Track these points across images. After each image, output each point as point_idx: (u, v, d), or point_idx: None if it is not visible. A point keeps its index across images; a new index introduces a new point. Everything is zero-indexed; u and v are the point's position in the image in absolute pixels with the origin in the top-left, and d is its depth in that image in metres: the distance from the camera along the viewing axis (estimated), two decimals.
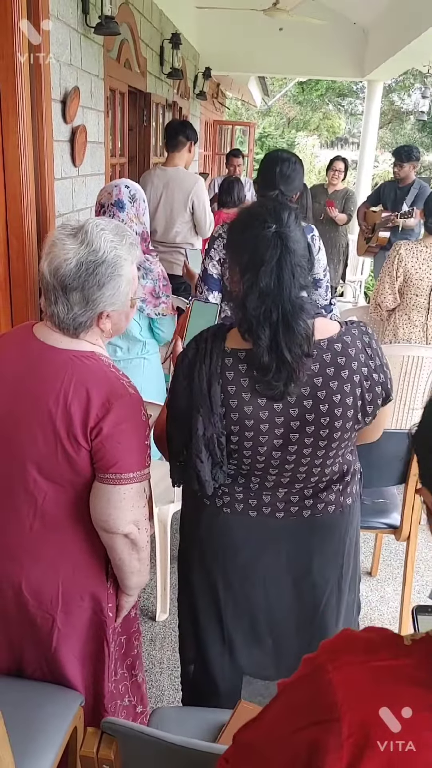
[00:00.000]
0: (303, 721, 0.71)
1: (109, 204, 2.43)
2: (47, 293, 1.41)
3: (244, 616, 1.60)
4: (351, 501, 1.58)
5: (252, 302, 1.33)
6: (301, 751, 0.70)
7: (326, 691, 0.70)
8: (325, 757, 0.67)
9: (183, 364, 1.45)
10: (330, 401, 1.39)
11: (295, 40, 7.24)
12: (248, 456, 1.44)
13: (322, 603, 1.60)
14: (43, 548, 1.46)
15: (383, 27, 6.88)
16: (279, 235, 1.34)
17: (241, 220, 1.44)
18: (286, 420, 1.40)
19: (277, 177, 2.48)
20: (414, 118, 17.53)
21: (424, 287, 3.36)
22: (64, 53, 3.04)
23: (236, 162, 6.93)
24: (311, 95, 19.29)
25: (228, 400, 1.39)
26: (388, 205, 5.81)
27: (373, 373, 1.43)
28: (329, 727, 0.68)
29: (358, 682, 0.69)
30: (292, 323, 1.33)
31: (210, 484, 1.46)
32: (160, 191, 4.12)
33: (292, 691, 0.76)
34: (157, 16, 5.14)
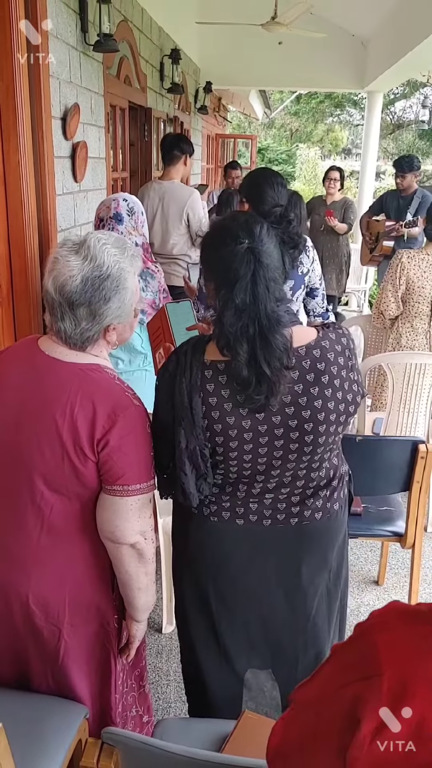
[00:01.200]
0: (349, 678, 0.77)
1: (108, 217, 2.46)
2: (53, 310, 1.42)
3: (238, 624, 1.60)
4: (338, 506, 1.58)
5: (228, 318, 1.34)
6: (345, 704, 0.75)
7: (371, 650, 0.75)
8: (365, 708, 0.72)
9: (164, 377, 1.46)
10: (312, 407, 1.40)
11: (294, 54, 7.30)
12: (234, 465, 1.45)
13: (313, 608, 1.60)
14: (50, 560, 1.47)
15: (381, 38, 6.93)
16: (252, 250, 1.35)
17: (213, 235, 1.45)
18: (270, 428, 1.40)
19: (275, 193, 2.51)
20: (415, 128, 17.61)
21: (426, 295, 3.37)
22: (64, 71, 3.08)
23: (234, 174, 6.97)
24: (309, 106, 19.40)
25: (210, 412, 1.40)
26: (391, 214, 5.83)
27: (350, 372, 1.44)
28: (371, 682, 0.73)
29: (401, 643, 0.75)
30: (269, 337, 1.34)
31: (195, 497, 1.47)
32: (156, 204, 4.16)
33: (342, 652, 0.83)
34: (157, 32, 5.21)
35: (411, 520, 2.45)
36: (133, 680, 1.70)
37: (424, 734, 0.69)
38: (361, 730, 0.72)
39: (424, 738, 0.69)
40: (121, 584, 1.50)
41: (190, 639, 1.66)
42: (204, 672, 1.65)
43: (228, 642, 1.61)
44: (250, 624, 1.60)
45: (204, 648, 1.63)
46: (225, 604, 1.59)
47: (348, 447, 1.76)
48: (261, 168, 2.77)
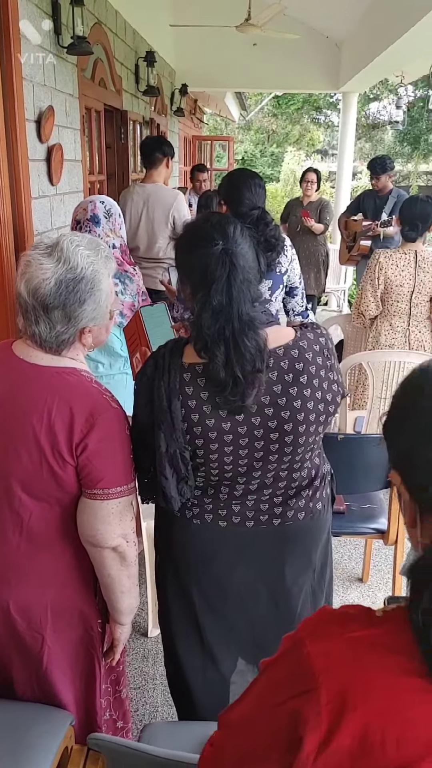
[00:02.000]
0: (284, 695, 0.74)
1: (85, 220, 2.45)
2: (26, 313, 1.40)
3: (223, 625, 1.60)
4: (321, 506, 1.58)
5: (206, 320, 1.34)
6: (283, 723, 0.73)
7: (304, 663, 0.73)
8: (305, 726, 0.70)
9: (142, 381, 1.46)
10: (291, 407, 1.40)
11: (269, 55, 7.32)
12: (215, 468, 1.44)
13: (298, 608, 1.60)
14: (30, 567, 1.45)
15: (355, 40, 6.98)
16: (226, 252, 1.34)
17: (186, 238, 1.44)
18: (250, 430, 1.40)
19: (252, 195, 2.51)
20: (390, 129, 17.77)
21: (404, 293, 3.40)
22: (37, 74, 3.06)
23: (202, 177, 6.93)
24: (288, 108, 19.48)
25: (189, 414, 1.39)
26: (368, 214, 5.87)
27: (329, 372, 1.44)
28: (308, 697, 0.71)
29: (334, 652, 0.73)
30: (239, 340, 1.33)
31: (176, 501, 1.46)
32: (140, 208, 4.14)
33: (274, 668, 0.80)
34: (131, 35, 5.20)
35: (393, 517, 2.46)
36: (109, 684, 1.68)
37: (368, 744, 0.67)
38: (304, 749, 0.69)
39: (369, 748, 0.67)
40: (104, 588, 1.49)
41: (174, 642, 1.66)
42: (189, 674, 1.65)
43: (213, 643, 1.60)
44: (235, 625, 1.60)
45: (188, 650, 1.63)
46: (209, 606, 1.58)
47: (330, 445, 1.76)
48: (239, 169, 2.77)
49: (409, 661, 0.69)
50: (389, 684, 0.69)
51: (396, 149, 19.04)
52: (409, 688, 0.68)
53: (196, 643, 1.61)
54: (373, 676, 0.69)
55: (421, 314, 3.45)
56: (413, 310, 3.43)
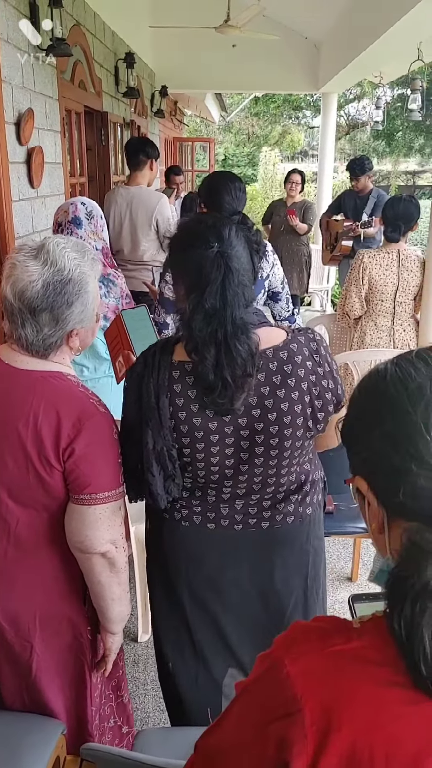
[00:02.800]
0: (266, 719, 0.71)
1: (66, 222, 2.42)
2: (12, 317, 1.38)
3: (213, 630, 1.58)
4: (311, 511, 1.57)
5: (197, 323, 1.32)
6: (269, 748, 0.70)
7: (285, 685, 0.70)
8: (291, 750, 0.67)
9: (132, 377, 1.45)
10: (278, 410, 1.38)
11: (248, 56, 7.32)
12: (202, 468, 1.43)
13: (287, 614, 1.59)
14: (18, 574, 1.43)
15: (334, 41, 7.01)
16: (222, 254, 1.33)
17: (181, 238, 1.43)
18: (236, 430, 1.39)
19: (231, 198, 2.51)
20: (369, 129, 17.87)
21: (389, 292, 3.41)
22: (16, 76, 3.03)
23: (178, 180, 6.88)
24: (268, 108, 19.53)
25: (177, 412, 1.39)
26: (349, 214, 5.90)
27: (321, 380, 1.42)
28: (292, 720, 0.68)
29: (315, 670, 0.70)
30: (231, 344, 1.32)
31: (163, 498, 1.45)
32: (124, 210, 4.11)
33: (252, 691, 0.76)
34: (110, 36, 5.18)
35: None
36: (110, 690, 1.67)
37: (356, 762, 0.65)
38: None
39: (357, 765, 0.65)
40: (94, 595, 1.47)
41: (165, 646, 1.64)
42: (181, 679, 1.63)
43: (204, 647, 1.59)
44: (225, 629, 1.59)
45: (179, 654, 1.62)
46: (199, 610, 1.57)
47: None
48: (219, 172, 2.76)
49: (393, 674, 0.67)
50: (375, 698, 0.67)
51: (375, 148, 19.15)
52: (396, 700, 0.66)
53: (187, 647, 1.60)
54: (358, 691, 0.67)
55: (405, 313, 3.47)
56: (397, 309, 3.44)
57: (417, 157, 19.89)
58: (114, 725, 1.69)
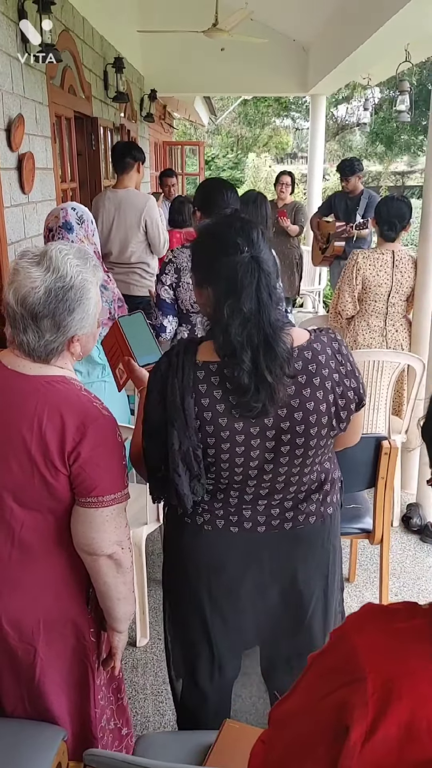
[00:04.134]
0: (331, 686, 0.76)
1: (57, 227, 2.43)
2: (14, 322, 1.39)
3: (232, 632, 1.59)
4: (332, 510, 1.58)
5: (235, 327, 1.34)
6: (330, 713, 0.74)
7: (351, 655, 0.75)
8: (352, 714, 0.71)
9: (155, 378, 1.45)
10: (303, 409, 1.39)
11: (237, 59, 7.34)
12: (226, 468, 1.44)
13: (308, 613, 1.60)
14: (21, 577, 1.44)
15: (322, 43, 7.04)
16: (255, 259, 1.35)
17: (209, 243, 1.43)
18: (262, 430, 1.40)
19: (226, 203, 2.52)
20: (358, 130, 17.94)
21: (382, 293, 3.42)
22: (6, 82, 3.03)
23: (170, 182, 6.92)
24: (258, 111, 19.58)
25: (202, 413, 1.39)
26: (340, 215, 5.92)
27: (344, 378, 1.43)
28: (356, 687, 0.72)
29: (379, 644, 0.75)
30: (274, 345, 1.34)
31: (189, 498, 1.44)
32: (112, 213, 4.13)
33: (321, 661, 0.81)
34: (99, 41, 5.18)
35: (378, 516, 2.47)
36: (111, 693, 1.68)
37: (415, 731, 0.69)
38: (351, 738, 0.71)
39: (416, 734, 0.69)
40: (100, 596, 1.48)
41: (183, 648, 1.65)
42: (194, 679, 1.64)
43: (221, 651, 1.59)
44: (244, 630, 1.59)
45: (197, 657, 1.62)
46: (220, 613, 1.57)
47: None
48: (211, 179, 2.78)
49: None
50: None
51: (367, 150, 19.22)
52: None
53: (206, 650, 1.60)
54: (417, 665, 0.71)
55: (398, 313, 3.48)
56: (390, 309, 3.46)
57: (406, 157, 19.97)
58: (114, 728, 1.70)
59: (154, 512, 2.50)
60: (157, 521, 2.50)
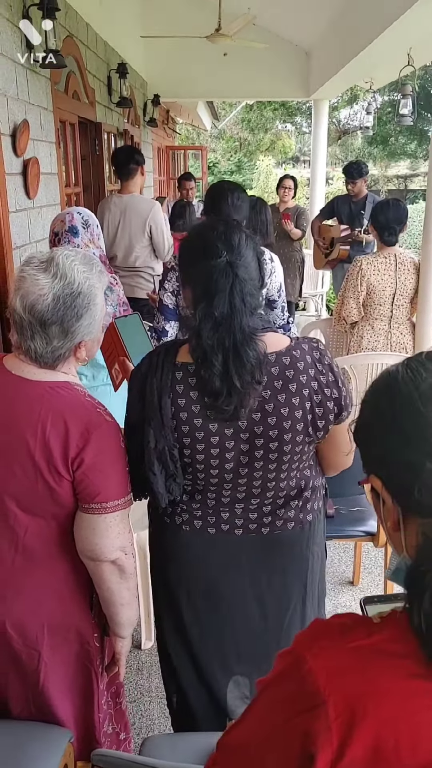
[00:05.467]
0: (289, 713, 0.72)
1: (63, 231, 2.44)
2: (22, 329, 1.39)
3: (211, 636, 1.59)
4: (312, 518, 1.57)
5: (206, 331, 1.35)
6: (294, 742, 0.71)
7: (308, 680, 0.71)
8: (316, 742, 0.68)
9: (136, 377, 1.47)
10: (278, 414, 1.39)
11: (240, 64, 7.37)
12: (201, 470, 1.45)
13: (285, 620, 1.60)
14: (26, 583, 1.44)
15: (324, 48, 7.06)
16: (230, 264, 1.36)
17: (192, 245, 1.45)
18: (236, 432, 1.41)
19: (230, 207, 2.53)
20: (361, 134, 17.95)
21: (386, 297, 3.43)
22: (11, 88, 3.05)
23: (189, 185, 7.00)
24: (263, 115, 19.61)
25: (178, 412, 1.40)
26: (343, 219, 5.92)
27: (324, 388, 1.42)
28: (317, 713, 0.69)
29: (337, 664, 0.71)
30: (241, 352, 1.34)
31: (164, 497, 1.46)
32: (117, 218, 4.16)
33: (274, 687, 0.77)
34: (102, 47, 5.21)
35: None
36: (110, 697, 1.68)
37: (382, 751, 0.66)
38: (317, 766, 0.68)
39: (383, 755, 0.66)
40: (104, 601, 1.48)
41: (166, 651, 1.65)
42: (180, 684, 1.64)
43: (201, 654, 1.60)
44: (222, 635, 1.59)
45: (179, 660, 1.62)
46: (196, 613, 1.58)
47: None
48: (217, 183, 2.79)
49: (415, 665, 0.68)
50: (397, 689, 0.68)
51: (367, 153, 19.23)
52: (418, 691, 0.68)
53: (185, 653, 1.61)
54: (380, 683, 0.69)
55: (402, 316, 3.48)
56: (395, 312, 3.46)
57: (408, 161, 19.98)
58: (112, 732, 1.70)
59: None
60: None
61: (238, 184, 2.76)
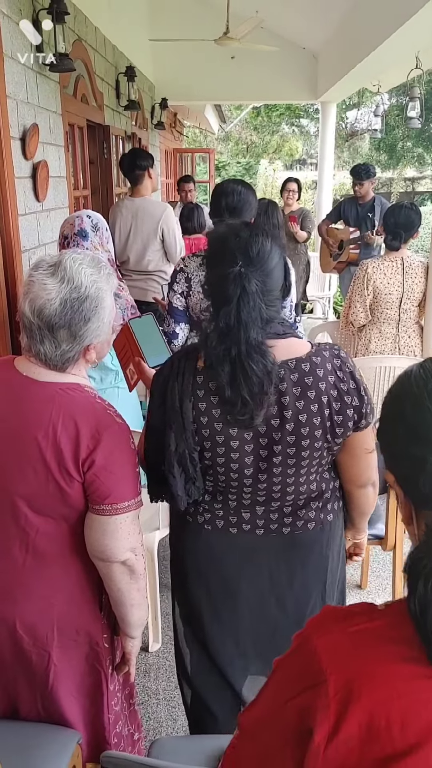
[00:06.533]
0: (295, 690, 0.78)
1: (72, 234, 2.45)
2: (31, 333, 1.40)
3: (229, 635, 1.59)
4: (332, 517, 1.57)
5: (212, 340, 1.34)
6: (295, 716, 0.76)
7: (312, 659, 0.77)
8: (314, 718, 0.73)
9: (158, 381, 1.47)
10: (296, 420, 1.39)
11: (247, 67, 7.38)
12: (222, 473, 1.45)
13: (305, 619, 1.59)
14: (36, 584, 1.45)
15: (331, 51, 7.06)
16: (241, 275, 1.32)
17: (212, 250, 1.44)
18: (255, 437, 1.41)
19: (223, 210, 2.52)
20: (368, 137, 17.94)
21: (393, 300, 3.42)
22: (21, 91, 3.07)
23: (187, 188, 6.95)
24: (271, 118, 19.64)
25: (199, 417, 1.41)
26: (351, 221, 5.92)
27: (345, 395, 1.40)
28: (317, 690, 0.74)
29: (339, 645, 0.77)
30: (246, 364, 1.32)
31: (183, 500, 1.47)
32: (129, 222, 4.15)
33: (284, 666, 0.83)
34: (111, 50, 5.23)
35: (391, 522, 2.47)
36: (124, 699, 1.68)
37: (374, 729, 0.71)
38: (314, 740, 0.73)
39: (375, 733, 0.71)
40: (114, 602, 1.49)
41: (182, 652, 1.66)
42: (195, 683, 1.65)
43: (220, 651, 1.60)
44: (240, 634, 1.59)
45: (195, 658, 1.63)
46: (216, 613, 1.58)
47: None
48: (219, 183, 2.76)
49: (409, 650, 0.73)
50: (391, 672, 0.73)
51: (373, 156, 19.22)
52: (410, 675, 0.72)
53: (203, 652, 1.61)
54: (376, 665, 0.73)
55: (410, 320, 3.48)
56: (402, 316, 3.46)
57: (416, 164, 19.95)
58: (128, 733, 1.70)
59: (167, 517, 2.51)
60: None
61: (244, 182, 2.69)
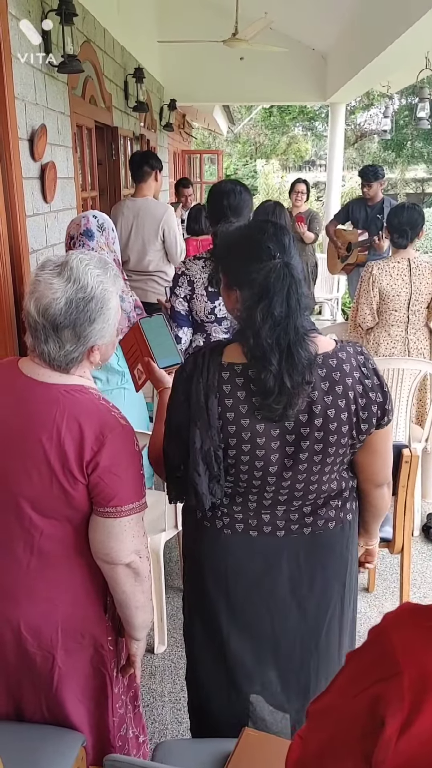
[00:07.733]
0: (368, 681, 0.78)
1: (78, 234, 2.46)
2: (35, 332, 1.40)
3: (248, 640, 1.58)
4: (351, 517, 1.58)
5: (266, 331, 1.36)
6: (365, 707, 0.76)
7: (388, 651, 0.77)
8: (387, 708, 0.73)
9: (181, 377, 1.47)
10: (324, 416, 1.40)
11: (256, 68, 7.37)
12: (245, 471, 1.45)
13: (325, 622, 1.59)
14: (40, 586, 1.44)
15: (340, 52, 7.05)
16: (287, 265, 1.38)
17: (242, 248, 1.46)
18: (282, 433, 1.41)
19: (225, 209, 2.52)
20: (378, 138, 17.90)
21: (401, 302, 3.40)
22: (29, 93, 3.07)
23: (186, 192, 6.93)
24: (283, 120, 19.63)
25: (225, 413, 1.41)
26: (359, 223, 5.90)
27: (369, 391, 1.44)
28: (392, 682, 0.74)
29: (417, 641, 0.76)
30: (294, 351, 1.36)
31: (207, 498, 1.46)
32: (131, 222, 4.18)
33: (357, 658, 0.83)
34: (119, 52, 5.23)
35: (398, 526, 2.45)
36: (129, 701, 1.68)
37: None
38: (386, 731, 0.72)
39: None
40: (118, 604, 1.49)
41: (197, 658, 1.65)
42: (207, 687, 1.63)
43: (237, 657, 1.58)
44: (260, 639, 1.58)
45: (210, 663, 1.61)
46: (235, 618, 1.57)
47: None
48: (215, 185, 2.76)
49: None
50: None
51: (382, 157, 19.17)
52: None
53: (220, 657, 1.60)
54: None
55: (419, 321, 3.45)
56: (411, 318, 3.43)
57: (425, 165, 19.89)
58: (132, 736, 1.70)
59: (172, 519, 2.50)
60: (175, 528, 2.51)
61: (240, 182, 2.70)
